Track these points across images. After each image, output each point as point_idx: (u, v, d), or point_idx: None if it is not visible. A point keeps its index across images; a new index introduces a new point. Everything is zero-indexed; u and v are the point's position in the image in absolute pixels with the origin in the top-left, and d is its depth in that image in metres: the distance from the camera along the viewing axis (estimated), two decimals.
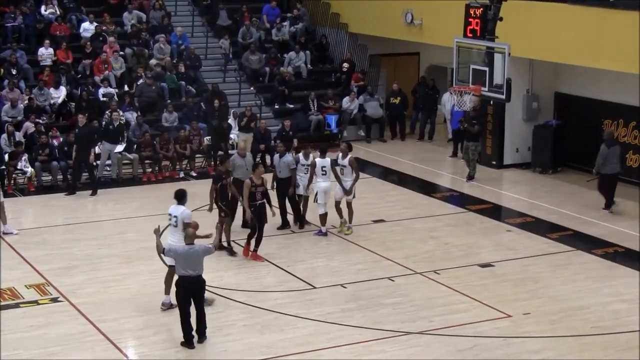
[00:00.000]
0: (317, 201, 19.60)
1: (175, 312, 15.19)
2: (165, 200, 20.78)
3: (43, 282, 16.81)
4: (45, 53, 27.21)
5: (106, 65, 27.40)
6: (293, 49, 30.25)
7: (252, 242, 18.03)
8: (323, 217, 19.59)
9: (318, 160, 19.65)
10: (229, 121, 26.24)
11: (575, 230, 20.14)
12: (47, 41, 27.36)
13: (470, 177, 24.11)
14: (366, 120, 28.81)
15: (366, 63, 31.09)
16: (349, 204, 19.68)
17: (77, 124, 23.52)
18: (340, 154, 19.72)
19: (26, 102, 25.08)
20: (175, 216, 15.42)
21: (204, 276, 14.26)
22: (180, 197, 15.67)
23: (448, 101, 26.70)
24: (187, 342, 14.18)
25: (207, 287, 14.74)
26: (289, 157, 19.93)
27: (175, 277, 14.48)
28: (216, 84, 27.86)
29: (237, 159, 19.33)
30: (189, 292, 14.10)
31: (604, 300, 16.09)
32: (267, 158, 25.27)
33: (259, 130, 25.59)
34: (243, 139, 24.49)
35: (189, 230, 14.43)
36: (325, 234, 19.55)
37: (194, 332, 14.23)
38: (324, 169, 19.52)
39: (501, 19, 20.22)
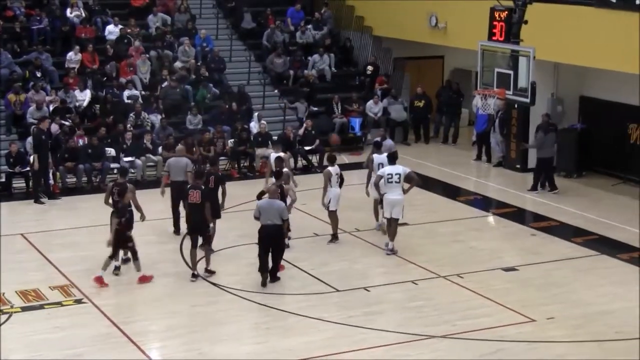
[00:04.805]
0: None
1: (199, 315, 15.35)
2: None
3: (67, 284, 16.88)
4: (74, 58, 27.27)
5: (131, 68, 27.50)
6: (317, 51, 30.27)
7: None
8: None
9: (331, 169, 19.43)
10: (252, 124, 26.27)
11: (601, 234, 19.99)
12: (77, 47, 27.38)
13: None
14: (390, 123, 28.71)
15: (390, 66, 31.05)
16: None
17: (35, 130, 22.92)
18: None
19: (57, 104, 25.20)
20: (397, 174, 18.09)
21: None
22: (394, 158, 18.46)
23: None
24: (263, 282, 16.52)
25: (229, 289, 14.80)
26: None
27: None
28: (242, 85, 27.95)
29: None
30: (270, 239, 16.43)
31: (628, 305, 15.97)
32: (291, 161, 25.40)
33: (284, 134, 25.63)
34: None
35: (272, 187, 16.93)
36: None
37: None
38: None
39: (526, 22, 20.12)
